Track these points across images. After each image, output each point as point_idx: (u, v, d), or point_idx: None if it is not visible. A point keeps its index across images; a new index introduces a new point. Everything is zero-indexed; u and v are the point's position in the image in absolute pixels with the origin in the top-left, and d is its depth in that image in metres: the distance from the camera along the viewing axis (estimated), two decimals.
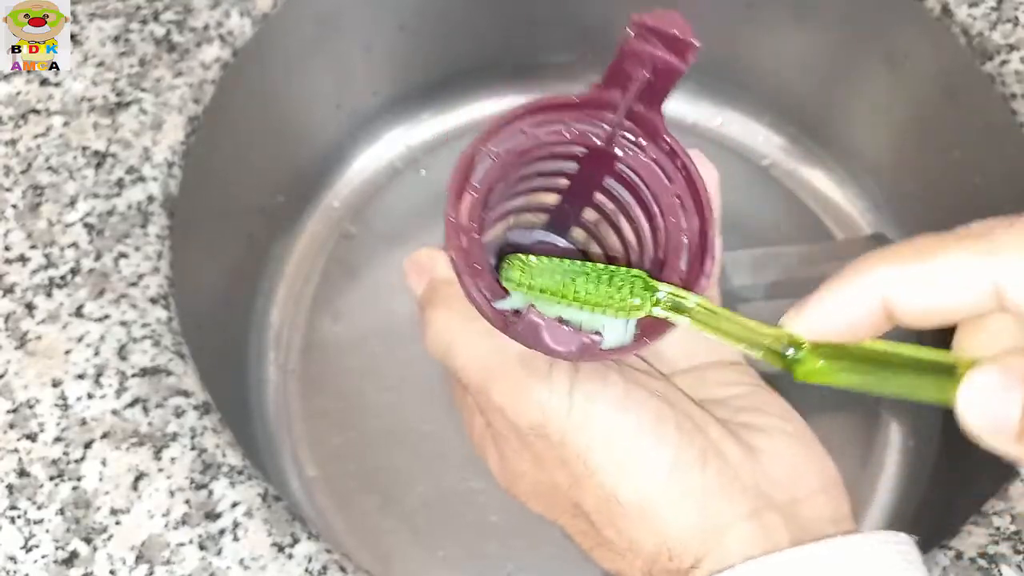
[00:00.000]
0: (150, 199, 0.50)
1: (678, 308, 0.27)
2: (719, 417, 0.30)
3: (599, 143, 0.30)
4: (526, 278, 0.27)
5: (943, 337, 0.26)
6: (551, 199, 0.34)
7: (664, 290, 0.27)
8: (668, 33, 0.26)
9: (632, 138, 0.30)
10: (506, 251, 0.32)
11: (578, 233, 0.35)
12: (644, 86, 0.28)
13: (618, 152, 0.30)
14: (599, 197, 0.33)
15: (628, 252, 0.33)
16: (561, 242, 0.35)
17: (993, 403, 0.23)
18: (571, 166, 0.32)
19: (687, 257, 0.29)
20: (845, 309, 0.24)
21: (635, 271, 0.28)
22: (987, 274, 0.23)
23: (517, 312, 0.27)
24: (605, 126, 0.30)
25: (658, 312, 0.27)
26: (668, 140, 0.29)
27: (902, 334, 0.25)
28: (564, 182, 0.33)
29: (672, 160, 0.30)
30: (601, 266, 0.28)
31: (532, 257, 0.29)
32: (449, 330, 0.31)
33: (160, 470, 0.42)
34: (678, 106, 0.72)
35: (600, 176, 0.31)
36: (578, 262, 0.29)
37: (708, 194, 0.29)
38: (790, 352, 0.25)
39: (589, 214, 0.34)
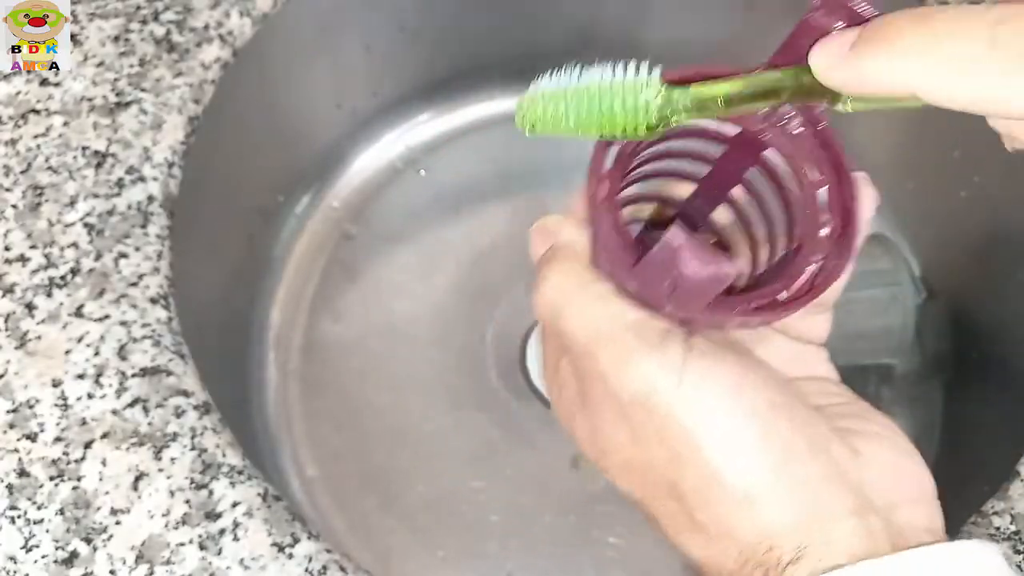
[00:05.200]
0: (150, 199, 0.50)
1: (701, 103, 0.26)
2: None
3: (754, 125, 0.29)
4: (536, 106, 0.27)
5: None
6: (683, 191, 0.33)
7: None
8: (853, 8, 0.25)
9: (786, 124, 0.29)
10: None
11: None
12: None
13: (769, 137, 0.29)
14: (734, 193, 0.32)
15: (756, 253, 0.32)
16: None
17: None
18: (715, 150, 0.31)
19: (822, 255, 0.28)
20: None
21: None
22: None
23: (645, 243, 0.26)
24: (767, 121, 0.29)
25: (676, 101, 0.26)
26: (825, 129, 0.28)
27: None
28: (704, 169, 0.32)
29: (826, 151, 0.29)
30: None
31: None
32: (564, 291, 0.30)
33: (160, 470, 0.42)
34: None
35: (744, 164, 0.31)
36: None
37: (858, 198, 0.28)
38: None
39: (719, 214, 0.33)
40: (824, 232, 0.29)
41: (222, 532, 0.41)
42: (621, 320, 0.29)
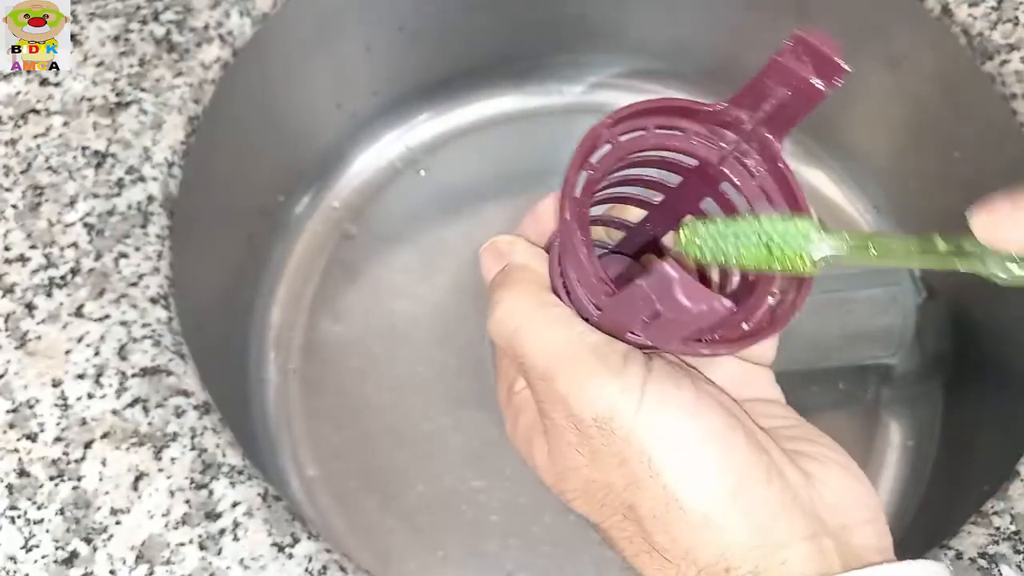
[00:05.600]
0: (150, 199, 0.50)
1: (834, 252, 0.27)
2: None
3: (713, 159, 0.29)
4: (700, 237, 0.28)
5: None
6: (634, 215, 0.33)
7: (817, 238, 0.27)
8: (823, 53, 0.26)
9: (745, 159, 0.29)
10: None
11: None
12: (778, 107, 0.27)
13: (727, 171, 0.29)
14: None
15: (707, 280, 0.32)
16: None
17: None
18: (674, 179, 0.31)
19: (780, 287, 0.29)
20: None
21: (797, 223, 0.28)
22: None
23: (620, 278, 0.26)
24: (723, 144, 0.29)
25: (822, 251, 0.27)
26: (783, 167, 0.29)
27: None
28: (658, 197, 0.32)
29: (781, 188, 0.29)
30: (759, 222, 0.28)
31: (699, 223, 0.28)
32: (520, 312, 0.30)
33: (160, 470, 0.42)
34: None
35: (700, 193, 0.31)
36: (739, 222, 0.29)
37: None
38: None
39: (669, 240, 0.34)
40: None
41: (222, 532, 0.41)
42: (581, 342, 0.29)
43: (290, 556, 0.41)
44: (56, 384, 0.44)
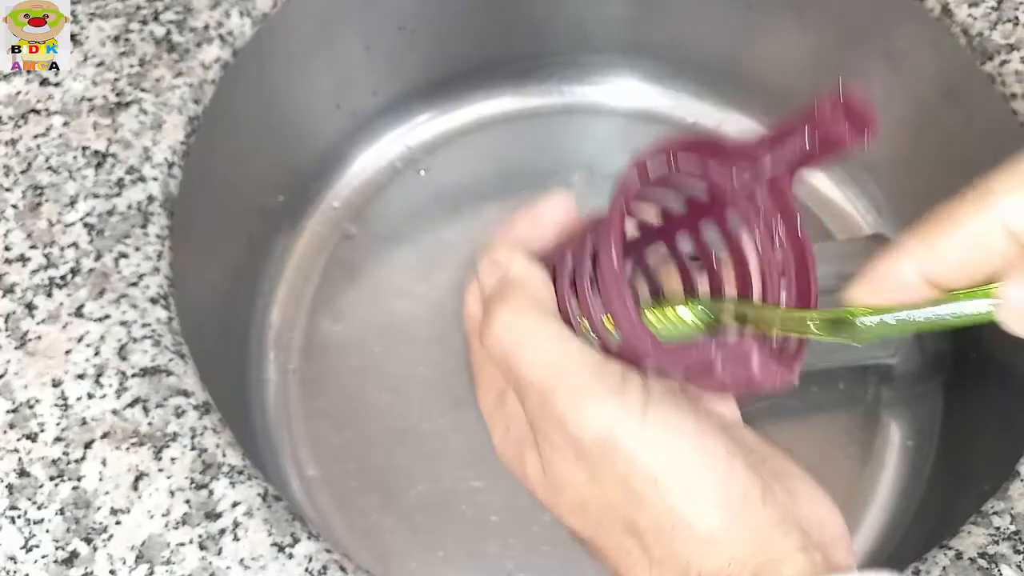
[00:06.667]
0: (150, 199, 0.50)
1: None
2: None
3: (727, 195, 0.30)
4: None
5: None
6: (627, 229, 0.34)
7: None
8: (858, 108, 0.27)
9: (755, 196, 0.30)
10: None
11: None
12: (800, 152, 0.28)
13: (736, 208, 0.30)
14: (681, 243, 0.33)
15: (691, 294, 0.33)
16: None
17: None
18: (678, 206, 0.32)
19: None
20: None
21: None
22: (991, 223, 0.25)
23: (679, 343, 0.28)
24: (735, 180, 0.29)
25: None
26: (792, 209, 0.29)
27: None
28: (656, 221, 0.33)
29: (788, 228, 0.30)
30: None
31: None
32: (517, 327, 0.30)
33: (160, 470, 0.42)
34: (677, 105, 0.72)
35: (700, 220, 0.32)
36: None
37: (815, 277, 0.29)
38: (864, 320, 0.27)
39: (652, 258, 0.34)
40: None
41: (222, 532, 0.41)
42: (578, 360, 0.29)
43: (290, 556, 0.41)
44: (56, 384, 0.44)
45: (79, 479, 0.42)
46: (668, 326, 0.31)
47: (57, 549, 0.41)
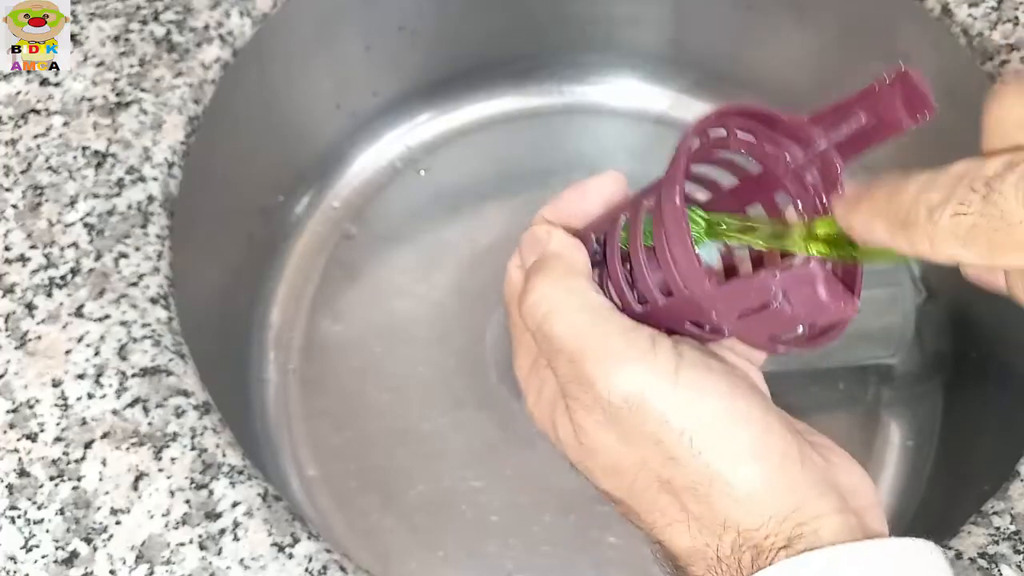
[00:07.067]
0: (150, 199, 0.50)
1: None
2: None
3: (779, 169, 0.30)
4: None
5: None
6: None
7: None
8: (916, 89, 0.27)
9: (805, 175, 0.30)
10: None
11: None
12: (857, 132, 0.28)
13: (787, 183, 0.30)
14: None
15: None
16: None
17: None
18: (730, 180, 0.32)
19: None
20: None
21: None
22: None
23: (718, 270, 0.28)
24: (788, 158, 0.30)
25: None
26: (842, 191, 0.29)
27: None
28: (704, 195, 0.33)
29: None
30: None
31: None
32: (552, 297, 0.31)
33: (160, 470, 0.42)
34: (678, 105, 0.72)
35: (750, 200, 0.32)
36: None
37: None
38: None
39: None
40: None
41: (222, 532, 0.41)
42: (610, 325, 0.30)
43: (290, 556, 0.41)
44: (56, 384, 0.44)
45: (79, 479, 0.42)
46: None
47: (57, 549, 0.41)
